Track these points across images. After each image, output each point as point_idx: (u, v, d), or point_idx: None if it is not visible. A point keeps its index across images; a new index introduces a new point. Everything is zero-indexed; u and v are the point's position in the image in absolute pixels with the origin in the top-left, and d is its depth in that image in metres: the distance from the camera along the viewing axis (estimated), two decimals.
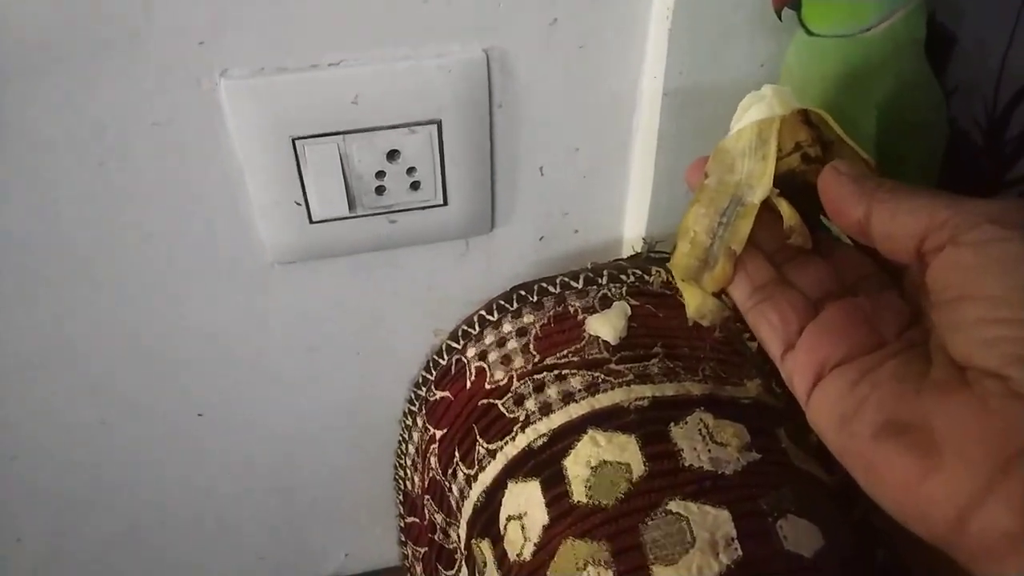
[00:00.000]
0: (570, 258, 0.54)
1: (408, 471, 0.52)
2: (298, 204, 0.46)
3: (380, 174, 0.46)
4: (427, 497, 0.47)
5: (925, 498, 0.22)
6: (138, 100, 0.41)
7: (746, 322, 0.30)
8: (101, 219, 0.45)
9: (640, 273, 0.46)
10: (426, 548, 0.49)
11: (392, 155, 0.45)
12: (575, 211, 0.53)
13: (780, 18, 0.41)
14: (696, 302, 0.31)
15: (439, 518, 0.45)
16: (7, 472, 0.54)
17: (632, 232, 0.54)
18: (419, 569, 0.51)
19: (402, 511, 0.54)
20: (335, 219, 0.47)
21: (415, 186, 0.47)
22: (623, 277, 0.46)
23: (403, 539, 0.55)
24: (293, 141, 0.44)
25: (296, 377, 0.55)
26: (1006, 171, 0.46)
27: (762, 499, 0.34)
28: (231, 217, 0.47)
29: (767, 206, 0.30)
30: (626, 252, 0.54)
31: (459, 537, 0.42)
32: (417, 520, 0.50)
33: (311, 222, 0.47)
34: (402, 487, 0.54)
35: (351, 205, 0.46)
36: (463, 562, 0.42)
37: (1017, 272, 0.22)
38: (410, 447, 0.52)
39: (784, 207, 0.30)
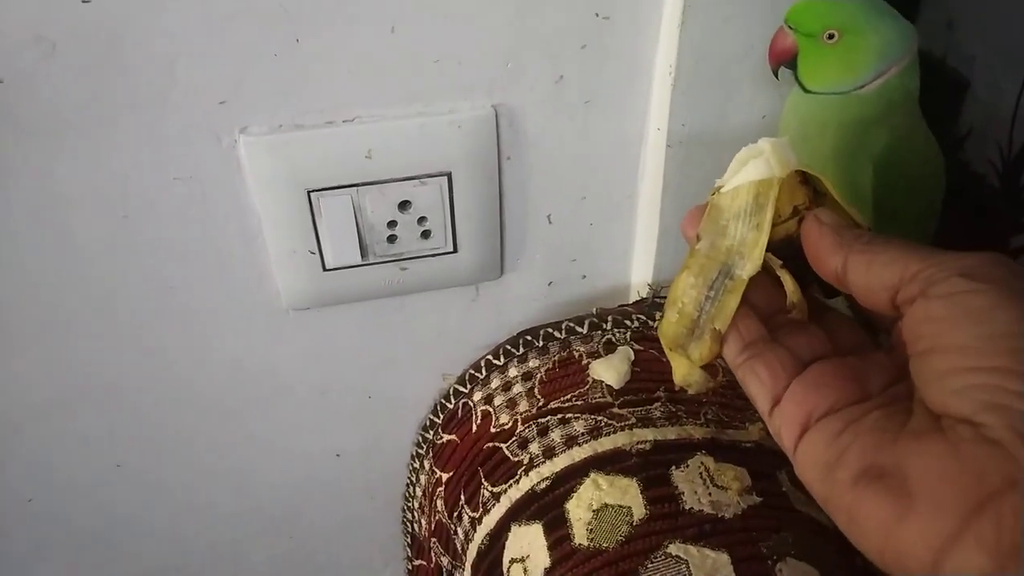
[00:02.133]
0: (578, 303, 0.55)
1: (415, 514, 0.52)
2: (312, 253, 0.48)
3: (392, 223, 0.47)
4: (434, 540, 0.47)
5: (901, 542, 0.23)
6: (161, 156, 0.43)
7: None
8: (124, 270, 0.46)
9: (644, 319, 0.47)
10: None
11: (404, 205, 0.47)
12: (583, 258, 0.54)
13: (776, 76, 0.42)
14: (683, 371, 0.31)
15: (445, 561, 0.45)
16: (23, 514, 0.55)
17: (639, 278, 0.55)
18: None
19: (410, 554, 0.54)
20: (348, 267, 0.48)
21: (426, 235, 0.48)
22: (627, 322, 0.46)
23: None
24: (308, 194, 0.45)
25: (308, 420, 0.56)
26: (1023, 214, 0.46)
27: (762, 543, 0.34)
28: (248, 266, 0.48)
29: (765, 269, 0.30)
30: (633, 297, 0.55)
31: None
32: (424, 563, 0.50)
33: (325, 270, 0.48)
34: (410, 530, 0.54)
35: (363, 253, 0.48)
36: None
37: (986, 322, 0.23)
38: (417, 490, 0.52)
39: (788, 282, 0.30)
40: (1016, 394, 0.22)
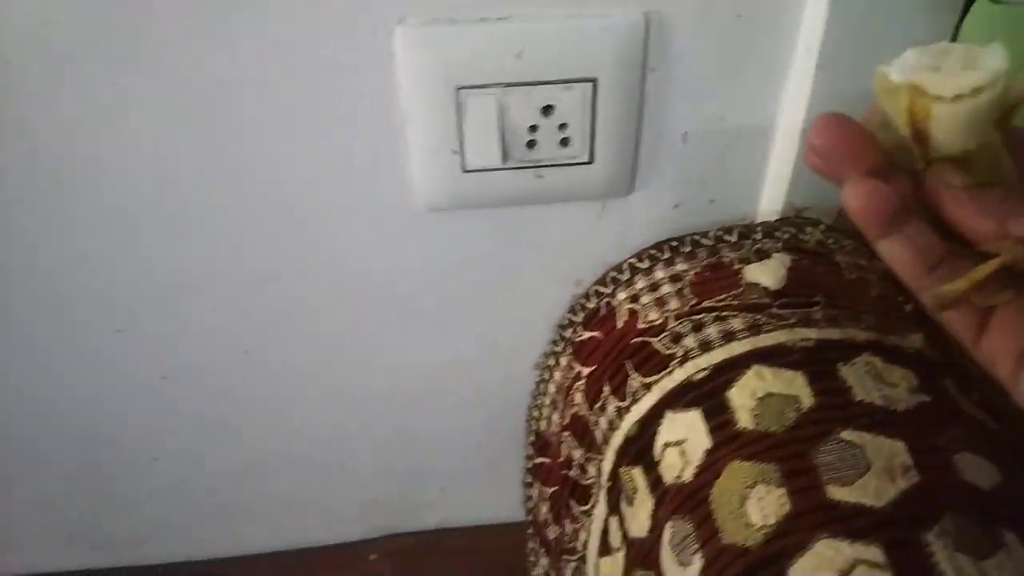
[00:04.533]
0: (703, 229, 0.54)
1: (545, 411, 0.52)
2: (455, 152, 0.47)
3: (533, 128, 0.47)
4: (566, 433, 0.47)
5: None
6: (317, 44, 0.43)
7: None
8: (272, 153, 0.47)
9: (795, 231, 0.45)
10: (556, 487, 0.49)
11: (546, 110, 0.46)
12: (713, 180, 0.53)
13: None
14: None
15: (578, 454, 0.45)
16: (150, 396, 0.58)
17: (768, 206, 0.53)
18: (545, 508, 0.51)
19: (532, 452, 0.54)
20: (487, 169, 0.48)
21: (564, 142, 0.48)
22: (777, 233, 0.45)
23: (529, 480, 0.55)
24: (457, 90, 0.45)
25: (429, 324, 0.57)
26: None
27: (936, 437, 0.33)
28: (389, 162, 0.48)
29: None
30: None
31: (600, 471, 0.43)
32: (548, 460, 0.50)
33: (464, 171, 0.48)
34: (535, 427, 0.54)
35: (504, 157, 0.47)
36: (600, 495, 0.42)
37: None
38: (551, 387, 0.52)
39: None
40: None
